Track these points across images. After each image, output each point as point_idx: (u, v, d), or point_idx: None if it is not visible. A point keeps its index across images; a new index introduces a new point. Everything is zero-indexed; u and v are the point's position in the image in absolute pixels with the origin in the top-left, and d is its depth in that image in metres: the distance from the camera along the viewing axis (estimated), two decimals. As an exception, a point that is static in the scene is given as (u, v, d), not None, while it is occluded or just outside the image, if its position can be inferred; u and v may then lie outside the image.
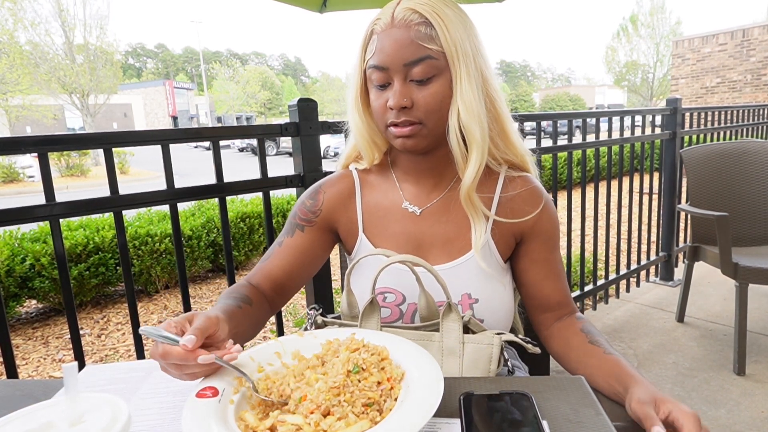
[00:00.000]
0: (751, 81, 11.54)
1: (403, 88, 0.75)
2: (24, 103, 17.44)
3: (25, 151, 1.12)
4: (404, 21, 0.74)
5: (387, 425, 0.51)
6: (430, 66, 0.74)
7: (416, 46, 0.73)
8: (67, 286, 1.16)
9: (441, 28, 0.74)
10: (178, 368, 0.58)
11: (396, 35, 0.74)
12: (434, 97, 0.76)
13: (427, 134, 0.78)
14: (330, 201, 0.89)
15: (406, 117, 0.76)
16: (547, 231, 0.85)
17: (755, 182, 2.39)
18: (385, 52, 0.75)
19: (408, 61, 0.74)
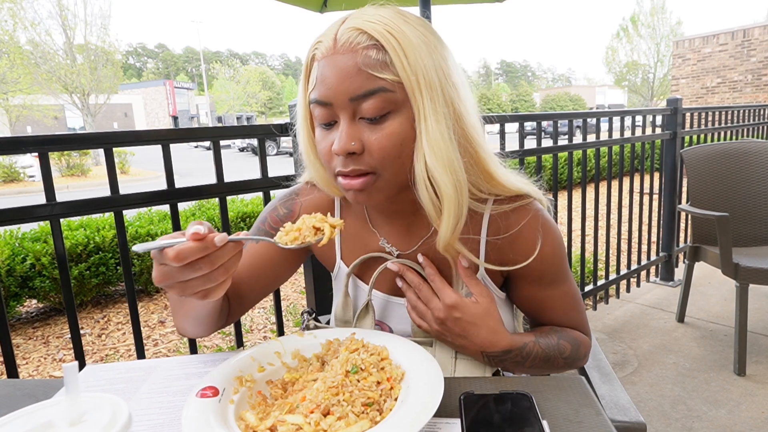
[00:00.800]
0: (752, 81, 11.54)
1: (350, 128, 0.61)
2: (24, 103, 17.46)
3: (25, 151, 1.12)
4: (349, 45, 0.59)
5: (387, 425, 0.51)
6: (384, 100, 0.60)
7: (365, 76, 0.59)
8: (68, 286, 1.16)
9: (397, 52, 0.59)
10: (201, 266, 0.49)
11: (339, 63, 0.59)
12: (390, 139, 0.61)
13: (384, 186, 0.64)
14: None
15: (355, 165, 0.62)
16: (540, 271, 0.72)
17: (756, 182, 2.39)
18: (326, 83, 0.60)
19: (355, 95, 0.59)
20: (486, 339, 0.67)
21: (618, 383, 0.85)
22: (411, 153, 0.63)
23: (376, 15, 0.61)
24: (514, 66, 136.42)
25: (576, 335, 0.76)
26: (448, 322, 0.67)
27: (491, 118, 0.87)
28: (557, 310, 0.77)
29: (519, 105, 57.73)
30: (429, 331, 0.69)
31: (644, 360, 2.18)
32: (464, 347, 0.69)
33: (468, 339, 0.68)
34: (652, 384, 1.99)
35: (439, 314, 0.68)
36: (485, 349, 0.68)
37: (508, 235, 0.71)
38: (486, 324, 0.68)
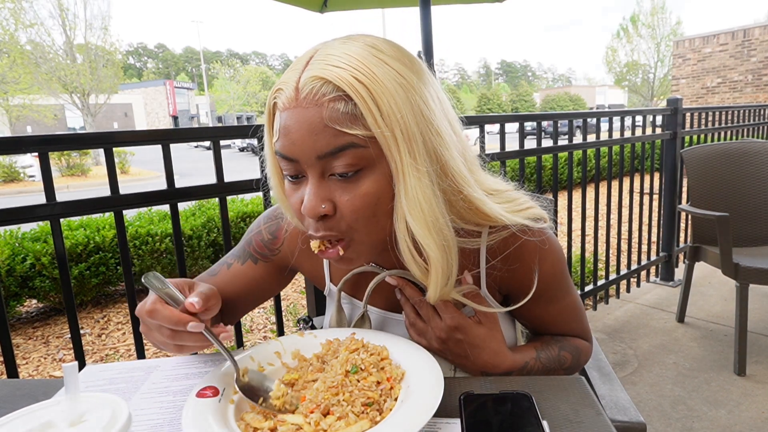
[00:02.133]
0: (752, 81, 11.54)
1: (318, 188, 0.55)
2: (24, 103, 17.45)
3: (25, 151, 1.12)
4: (313, 97, 0.52)
5: (387, 425, 0.51)
6: (355, 157, 0.53)
7: (332, 133, 0.52)
8: (68, 286, 1.16)
9: (367, 103, 0.52)
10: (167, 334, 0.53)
11: (302, 117, 0.53)
12: (364, 199, 0.55)
13: (362, 249, 0.60)
14: (291, 244, 0.76)
15: (325, 231, 0.57)
16: (541, 290, 0.69)
17: (756, 182, 2.39)
18: (290, 138, 0.54)
19: (322, 152, 0.53)
20: (488, 361, 0.66)
21: (618, 383, 0.85)
22: (389, 211, 0.57)
23: (344, 57, 0.53)
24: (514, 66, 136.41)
25: (577, 343, 0.76)
26: (450, 343, 0.66)
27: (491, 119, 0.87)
28: (558, 323, 0.76)
29: (519, 105, 57.74)
30: (428, 348, 0.66)
31: (644, 360, 2.18)
32: (464, 366, 0.68)
33: (469, 360, 0.66)
34: (652, 384, 1.99)
35: (440, 334, 0.65)
36: (486, 370, 0.67)
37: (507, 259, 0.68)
38: (489, 346, 0.66)
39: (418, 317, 0.68)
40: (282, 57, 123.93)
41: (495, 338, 0.67)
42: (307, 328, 0.81)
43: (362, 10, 2.91)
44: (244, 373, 0.59)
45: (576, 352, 0.75)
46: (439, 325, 0.66)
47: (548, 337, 0.76)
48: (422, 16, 2.34)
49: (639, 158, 2.88)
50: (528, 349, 0.71)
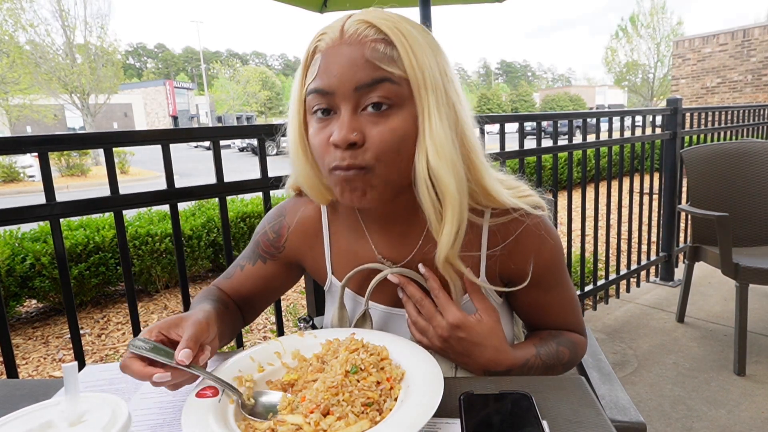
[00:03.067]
0: (752, 81, 11.54)
1: (352, 119, 0.59)
2: (24, 103, 17.44)
3: (25, 151, 1.12)
4: (357, 36, 0.58)
5: (387, 425, 0.51)
6: (389, 92, 0.58)
7: (372, 67, 0.58)
8: (68, 286, 1.16)
9: (405, 48, 0.58)
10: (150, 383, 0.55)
11: (346, 52, 0.58)
12: (393, 133, 0.59)
13: (379, 185, 0.61)
14: (294, 239, 0.79)
15: (352, 160, 0.59)
16: (539, 276, 0.71)
17: (756, 182, 2.39)
18: (330, 72, 0.59)
19: (360, 83, 0.58)
20: (490, 359, 0.67)
21: (618, 383, 0.85)
22: (411, 152, 0.61)
23: (383, 13, 0.61)
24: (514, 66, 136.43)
25: (573, 338, 0.77)
26: (452, 341, 0.66)
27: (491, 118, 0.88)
28: (555, 314, 0.77)
29: (519, 105, 57.75)
30: (430, 347, 0.67)
31: (644, 360, 2.18)
32: (466, 365, 0.69)
33: (471, 358, 0.67)
34: (652, 384, 1.99)
35: (442, 332, 0.66)
36: (489, 368, 0.67)
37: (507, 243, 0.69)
38: (490, 344, 0.67)
39: (419, 316, 0.69)
40: (282, 57, 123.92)
41: (497, 336, 0.67)
42: (308, 328, 0.82)
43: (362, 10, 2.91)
44: (249, 397, 0.59)
45: (573, 347, 0.76)
46: (440, 324, 0.66)
47: (545, 332, 0.77)
48: (422, 16, 2.34)
49: (639, 158, 2.88)
50: (527, 346, 0.72)
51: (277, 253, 0.80)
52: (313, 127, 0.63)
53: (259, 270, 0.81)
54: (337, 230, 0.77)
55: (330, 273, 0.78)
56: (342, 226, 0.77)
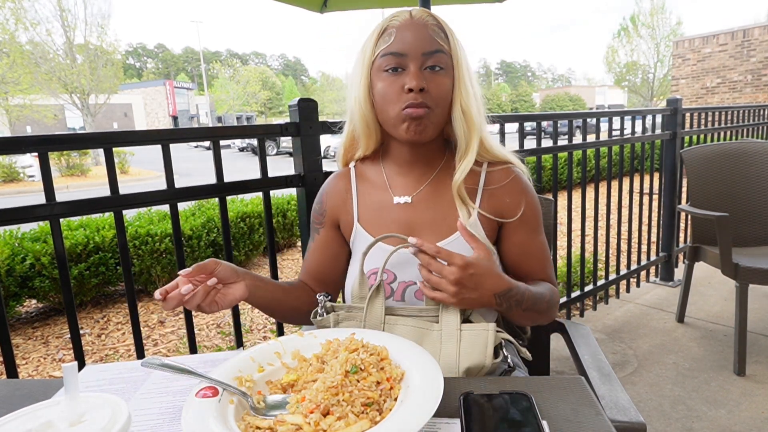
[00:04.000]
0: (752, 81, 11.54)
1: (420, 73, 0.82)
2: (24, 103, 17.43)
3: (25, 151, 1.12)
4: (422, 20, 0.84)
5: (387, 425, 0.51)
6: (442, 59, 0.83)
7: (433, 40, 0.83)
8: (67, 286, 1.16)
9: (450, 35, 0.85)
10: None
11: (416, 28, 0.83)
12: (443, 86, 0.84)
13: (435, 120, 0.85)
14: (331, 200, 0.97)
15: (422, 99, 0.82)
16: (526, 216, 0.90)
17: (755, 183, 2.39)
18: (405, 41, 0.82)
19: (426, 50, 0.82)
20: (495, 282, 0.77)
21: (618, 383, 0.85)
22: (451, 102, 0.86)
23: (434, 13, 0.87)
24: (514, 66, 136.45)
25: (550, 286, 0.91)
26: (464, 281, 0.74)
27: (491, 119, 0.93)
28: (537, 259, 0.92)
29: (519, 105, 57.74)
30: (444, 300, 0.75)
31: (644, 360, 2.19)
32: (479, 299, 0.77)
33: (482, 289, 0.76)
34: (651, 384, 1.99)
35: (454, 277, 0.74)
36: (496, 290, 0.77)
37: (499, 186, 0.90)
38: (492, 271, 0.78)
39: (430, 274, 0.76)
40: (282, 57, 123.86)
41: (494, 263, 0.80)
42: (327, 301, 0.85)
43: (362, 10, 2.91)
44: (258, 401, 0.59)
45: (551, 290, 0.89)
46: (451, 270, 0.74)
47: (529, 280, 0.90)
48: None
49: (639, 158, 2.88)
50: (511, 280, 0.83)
51: (323, 219, 0.98)
52: (384, 81, 0.84)
53: (317, 243, 0.99)
54: (363, 186, 0.96)
55: (356, 220, 0.93)
56: (367, 182, 0.96)
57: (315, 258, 0.99)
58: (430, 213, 0.89)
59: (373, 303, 0.81)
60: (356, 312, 0.82)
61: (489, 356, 0.74)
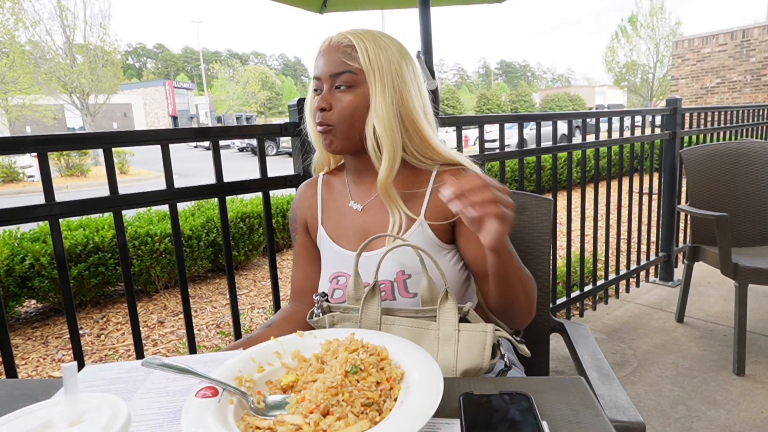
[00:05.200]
0: (751, 81, 11.54)
1: (327, 94, 0.90)
2: (24, 103, 17.42)
3: (24, 151, 1.12)
4: (336, 44, 0.90)
5: (387, 425, 0.51)
6: (350, 78, 0.88)
7: (340, 62, 0.88)
8: (67, 286, 1.16)
9: (362, 50, 0.88)
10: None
11: (329, 52, 0.90)
12: (348, 104, 0.88)
13: (339, 136, 0.90)
14: (300, 207, 1.05)
15: (323, 119, 0.89)
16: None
17: (755, 182, 2.39)
18: (320, 65, 0.91)
19: (333, 72, 0.89)
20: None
21: (617, 383, 0.85)
22: (361, 118, 0.89)
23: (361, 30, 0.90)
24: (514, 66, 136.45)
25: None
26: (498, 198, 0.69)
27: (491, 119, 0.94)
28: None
29: (518, 105, 57.72)
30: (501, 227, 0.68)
31: (643, 360, 2.19)
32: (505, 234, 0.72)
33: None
34: (651, 384, 1.99)
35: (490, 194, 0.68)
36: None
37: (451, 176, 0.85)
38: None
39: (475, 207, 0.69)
40: (281, 57, 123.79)
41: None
42: (323, 301, 0.86)
43: (362, 11, 2.91)
44: (258, 401, 0.59)
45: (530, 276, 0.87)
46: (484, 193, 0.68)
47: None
48: (422, 16, 2.34)
49: (638, 158, 2.88)
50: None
51: (296, 225, 1.05)
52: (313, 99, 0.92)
53: (297, 249, 1.05)
54: (327, 192, 1.02)
55: (320, 223, 1.00)
56: (331, 189, 1.02)
57: (300, 267, 1.04)
58: (379, 220, 0.93)
59: (369, 304, 0.81)
60: (352, 313, 0.82)
61: (487, 358, 0.74)
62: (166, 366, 0.59)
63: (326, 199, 1.02)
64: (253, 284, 3.90)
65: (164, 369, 0.59)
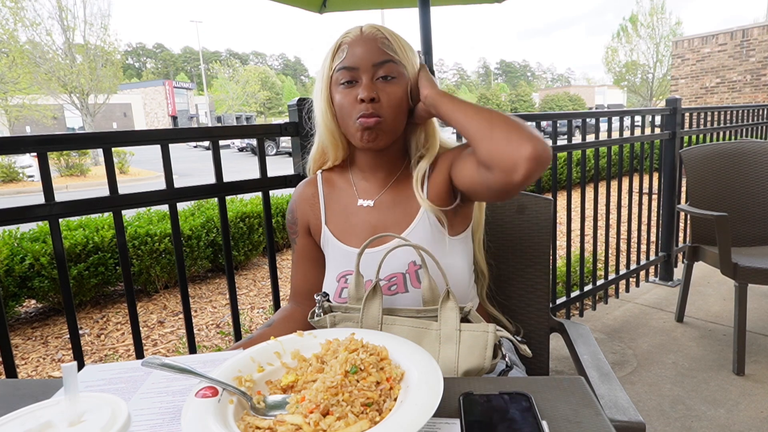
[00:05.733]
0: (751, 81, 11.54)
1: (371, 84, 0.86)
2: (24, 103, 17.40)
3: (24, 151, 1.12)
4: (371, 35, 0.87)
5: (386, 425, 0.51)
6: (394, 68, 0.87)
7: (382, 51, 0.87)
8: (67, 286, 1.16)
9: (400, 46, 0.89)
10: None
11: (365, 42, 0.87)
12: (395, 94, 0.87)
13: (387, 129, 0.88)
14: (300, 208, 1.01)
15: (374, 109, 0.85)
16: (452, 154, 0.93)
17: (754, 182, 2.39)
18: (356, 55, 0.86)
19: (376, 61, 0.86)
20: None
21: (617, 383, 0.85)
22: (405, 109, 0.89)
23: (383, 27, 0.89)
24: (514, 66, 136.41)
25: None
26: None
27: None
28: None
29: (518, 105, 57.73)
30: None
31: (643, 360, 2.19)
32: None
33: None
34: (651, 384, 1.99)
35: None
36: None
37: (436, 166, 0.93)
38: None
39: None
40: (281, 57, 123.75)
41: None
42: (324, 301, 0.85)
43: (361, 10, 2.91)
44: (258, 401, 0.59)
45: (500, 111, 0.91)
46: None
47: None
48: (421, 16, 2.34)
49: (638, 158, 2.88)
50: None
51: (296, 228, 1.01)
52: (340, 94, 0.88)
53: (297, 253, 1.03)
54: (330, 191, 0.99)
55: (324, 223, 0.97)
56: (334, 187, 0.99)
57: (300, 270, 1.02)
58: (392, 214, 0.93)
59: (370, 304, 0.81)
60: (353, 313, 0.82)
61: (488, 358, 0.74)
62: (166, 366, 0.59)
63: (329, 198, 0.99)
64: (253, 284, 3.90)
65: (164, 369, 0.59)
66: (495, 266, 1.13)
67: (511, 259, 1.14)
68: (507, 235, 1.14)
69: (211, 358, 0.73)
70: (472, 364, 0.74)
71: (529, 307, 1.13)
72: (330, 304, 0.85)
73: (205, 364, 0.71)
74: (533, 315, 1.13)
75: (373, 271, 0.83)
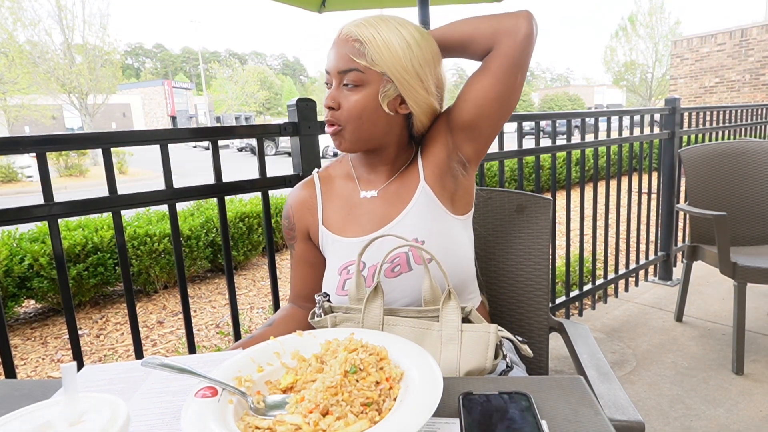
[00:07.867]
0: (750, 81, 11.56)
1: (335, 91, 0.86)
2: (23, 103, 17.38)
3: (23, 151, 1.12)
4: (345, 37, 0.84)
5: (386, 425, 0.51)
6: (358, 76, 0.84)
7: (348, 59, 0.84)
8: (66, 286, 1.16)
9: (375, 49, 0.83)
10: None
11: (337, 46, 0.85)
12: (358, 103, 0.84)
13: (348, 138, 0.87)
14: (297, 212, 0.99)
15: (331, 117, 0.87)
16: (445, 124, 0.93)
17: (754, 182, 2.39)
18: (329, 59, 0.87)
19: (341, 69, 0.85)
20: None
21: (616, 382, 0.85)
22: (370, 117, 0.85)
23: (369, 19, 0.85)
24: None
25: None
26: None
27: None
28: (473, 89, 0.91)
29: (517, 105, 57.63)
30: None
31: (643, 359, 2.19)
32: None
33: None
34: (650, 383, 1.99)
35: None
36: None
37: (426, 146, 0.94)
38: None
39: None
40: (281, 57, 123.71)
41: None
42: (325, 301, 0.85)
43: (361, 10, 2.91)
44: (258, 401, 0.59)
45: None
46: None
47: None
48: (420, 16, 2.34)
49: (637, 158, 2.88)
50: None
51: (294, 233, 1.00)
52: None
53: (296, 258, 1.01)
54: (328, 189, 0.98)
55: (321, 223, 0.95)
56: (332, 184, 0.98)
57: (298, 274, 1.01)
58: (396, 204, 0.92)
59: (371, 304, 0.80)
60: (354, 314, 0.81)
61: (490, 359, 0.74)
62: (166, 366, 0.59)
63: (327, 197, 0.98)
64: (253, 284, 3.90)
65: (164, 369, 0.59)
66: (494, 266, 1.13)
67: (511, 258, 1.14)
68: (506, 235, 1.14)
69: (210, 358, 0.73)
70: (474, 364, 0.74)
71: (529, 306, 1.13)
72: (331, 305, 0.85)
73: (204, 364, 0.71)
74: (533, 314, 1.13)
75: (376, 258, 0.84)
